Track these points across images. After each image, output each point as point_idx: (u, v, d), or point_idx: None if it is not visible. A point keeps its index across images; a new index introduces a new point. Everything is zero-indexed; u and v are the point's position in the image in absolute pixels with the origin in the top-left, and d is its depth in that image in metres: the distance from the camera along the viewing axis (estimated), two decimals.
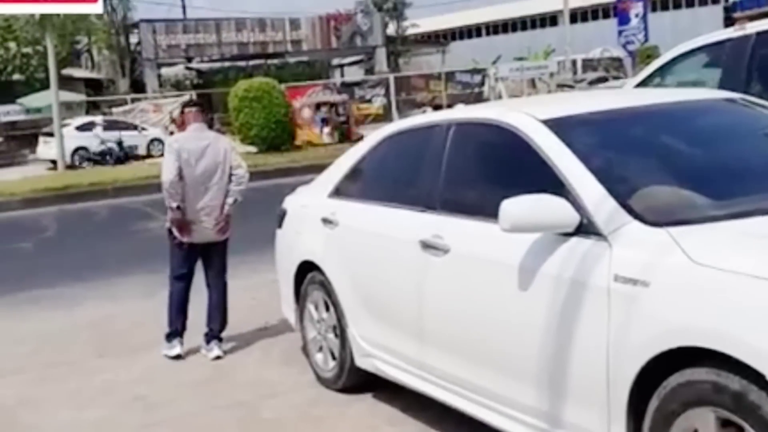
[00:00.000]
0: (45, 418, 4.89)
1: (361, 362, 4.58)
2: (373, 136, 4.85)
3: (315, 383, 5.03)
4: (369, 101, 31.45)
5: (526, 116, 3.63)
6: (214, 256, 5.94)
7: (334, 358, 4.86)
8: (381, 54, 39.54)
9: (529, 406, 3.26)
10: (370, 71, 39.36)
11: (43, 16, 22.06)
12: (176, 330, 5.84)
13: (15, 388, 5.43)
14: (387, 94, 31.71)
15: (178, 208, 5.66)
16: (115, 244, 11.10)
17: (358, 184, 4.84)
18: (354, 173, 4.86)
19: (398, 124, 4.71)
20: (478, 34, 61.57)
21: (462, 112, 4.40)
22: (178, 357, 5.75)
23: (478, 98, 29.95)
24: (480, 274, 3.54)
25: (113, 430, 4.66)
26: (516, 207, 3.10)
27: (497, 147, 3.77)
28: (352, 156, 4.93)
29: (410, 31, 46.04)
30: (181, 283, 5.89)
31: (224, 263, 5.99)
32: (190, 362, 5.73)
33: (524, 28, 57.91)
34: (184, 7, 42.65)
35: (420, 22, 47.18)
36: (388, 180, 4.66)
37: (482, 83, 32.38)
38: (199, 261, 5.98)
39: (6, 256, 10.86)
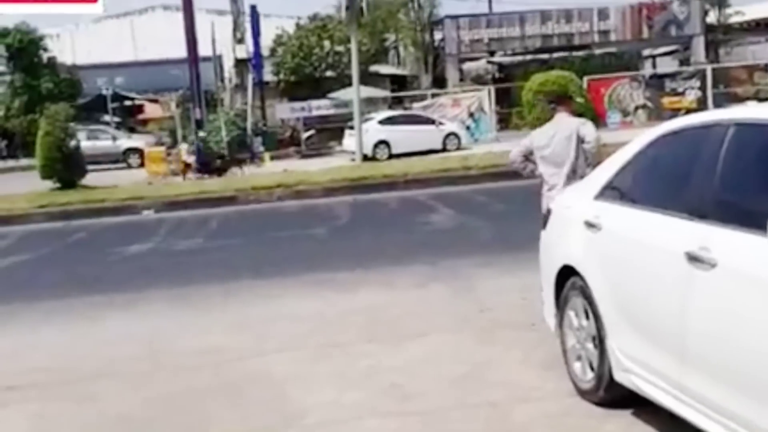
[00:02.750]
0: (307, 395, 5.17)
1: (620, 376, 4.30)
2: (645, 135, 4.51)
3: (573, 392, 4.81)
4: (681, 94, 29.81)
5: None
6: None
7: (592, 369, 4.61)
8: (698, 43, 37.15)
9: None
10: (685, 62, 37.20)
11: (352, 16, 23.45)
12: None
13: (288, 364, 5.83)
14: (703, 87, 29.81)
15: None
16: (397, 234, 11.54)
17: (625, 187, 4.53)
18: (622, 174, 4.55)
19: (673, 123, 4.33)
20: None
21: (745, 112, 3.94)
22: None
23: None
24: (748, 294, 3.15)
25: (367, 415, 4.81)
26: None
27: None
28: (622, 156, 4.62)
29: (734, 19, 42.62)
30: None
31: None
32: (453, 356, 5.76)
33: None
34: (489, 2, 43.22)
35: (746, 8, 43.51)
36: (657, 183, 4.31)
37: None
38: None
39: (303, 240, 11.79)
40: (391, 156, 24.75)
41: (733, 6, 41.90)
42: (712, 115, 4.12)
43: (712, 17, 40.50)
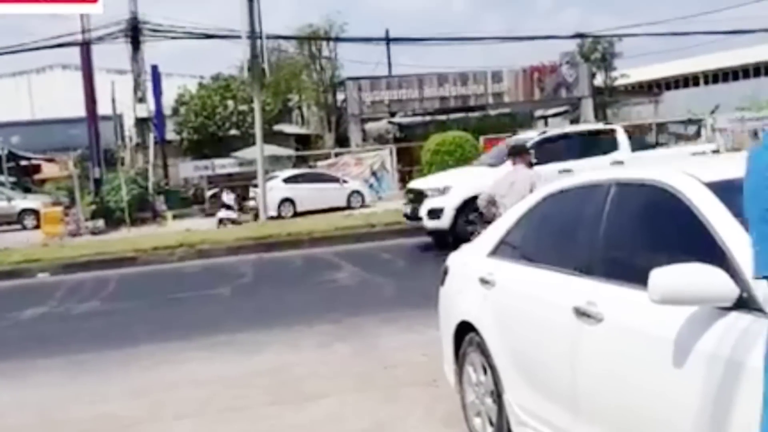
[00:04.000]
0: None
1: (518, 431, 4.39)
2: (534, 195, 4.71)
3: None
4: None
5: (689, 177, 3.37)
6: None
7: (491, 424, 4.69)
8: (587, 105, 38.82)
9: None
10: (575, 122, 38.69)
11: (254, 77, 23.55)
12: None
13: (187, 431, 5.70)
14: None
15: None
16: (302, 293, 11.51)
17: (517, 244, 4.69)
18: (514, 232, 4.72)
19: (559, 183, 4.54)
20: (695, 83, 58.74)
21: (624, 172, 4.17)
22: None
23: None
24: (633, 347, 3.30)
25: None
26: (666, 277, 2.86)
27: (657, 210, 3.53)
28: (513, 214, 4.80)
29: (620, 81, 44.84)
30: None
31: None
32: (355, 414, 5.76)
33: (746, 76, 54.62)
34: (389, 65, 44.16)
35: (630, 71, 45.88)
36: (546, 241, 4.49)
37: (698, 134, 30.86)
38: None
39: (206, 300, 11.61)
40: (296, 214, 24.75)
41: (618, 69, 44.19)
42: (594, 175, 4.33)
43: (599, 80, 42.53)
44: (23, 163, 37.98)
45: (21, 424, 6.18)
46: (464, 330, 4.91)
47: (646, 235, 3.66)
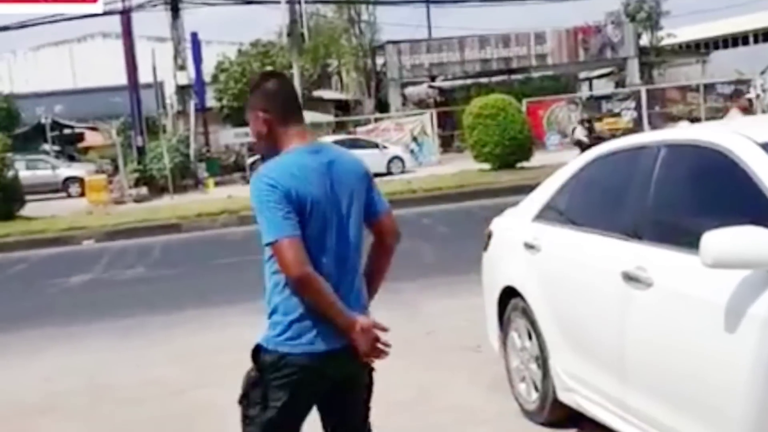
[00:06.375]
0: None
1: (563, 396, 4.35)
2: (581, 158, 4.61)
3: (519, 413, 4.84)
4: (618, 115, 30.50)
5: (744, 138, 3.27)
6: None
7: (536, 389, 4.66)
8: (633, 66, 38.15)
9: None
10: (620, 84, 38.13)
11: (293, 42, 23.49)
12: None
13: (233, 396, 5.72)
14: (638, 108, 30.54)
15: None
16: None
17: (562, 208, 4.61)
18: (559, 196, 4.64)
19: (607, 145, 4.43)
20: (744, 43, 57.27)
21: (674, 133, 4.05)
22: None
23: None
24: (684, 312, 3.23)
25: None
26: (719, 241, 2.79)
27: (709, 171, 3.43)
28: (559, 178, 4.71)
29: (666, 42, 43.88)
30: None
31: None
32: (399, 381, 5.75)
33: None
34: (429, 28, 43.77)
35: (677, 31, 44.86)
36: (593, 204, 4.40)
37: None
38: None
39: (249, 266, 11.61)
40: None
41: (665, 29, 43.22)
42: (643, 137, 4.23)
43: (645, 40, 41.67)
44: (67, 131, 38.55)
45: (69, 389, 6.29)
46: (508, 295, 4.86)
47: (697, 197, 3.57)
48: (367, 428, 3.18)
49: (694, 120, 25.83)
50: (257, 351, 2.94)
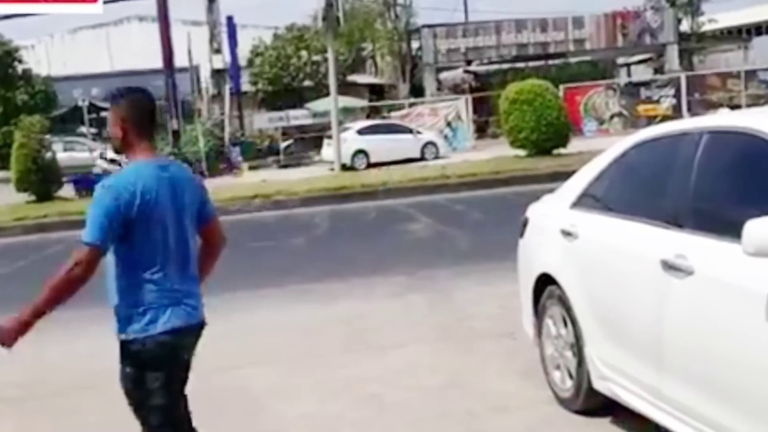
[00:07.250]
0: (287, 407, 5.15)
1: (598, 384, 4.31)
2: (620, 144, 4.54)
3: (552, 401, 4.82)
4: (656, 102, 30.11)
5: None
6: None
7: (571, 377, 4.62)
8: (672, 52, 37.49)
9: None
10: (659, 70, 37.53)
11: (328, 26, 23.46)
12: None
13: (266, 376, 5.80)
14: (677, 94, 30.12)
15: None
16: (376, 244, 11.53)
17: (601, 195, 4.55)
18: (597, 183, 4.58)
19: (647, 132, 4.36)
20: None
21: (716, 120, 3.98)
22: None
23: None
24: (724, 301, 3.18)
25: (347, 426, 4.80)
26: (761, 229, 2.74)
27: (751, 159, 3.36)
28: (597, 165, 4.65)
29: (707, 27, 43.07)
30: None
31: None
32: (431, 366, 5.75)
33: None
34: (466, 11, 43.52)
35: (719, 16, 44.02)
36: (632, 192, 4.33)
37: None
38: None
39: (281, 250, 11.75)
40: (369, 165, 24.74)
41: (706, 14, 42.45)
42: (685, 123, 4.15)
43: (685, 25, 40.96)
44: (104, 114, 38.88)
45: (109, 367, 6.35)
46: (544, 282, 4.82)
47: (739, 185, 3.50)
48: None
49: (735, 107, 25.41)
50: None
